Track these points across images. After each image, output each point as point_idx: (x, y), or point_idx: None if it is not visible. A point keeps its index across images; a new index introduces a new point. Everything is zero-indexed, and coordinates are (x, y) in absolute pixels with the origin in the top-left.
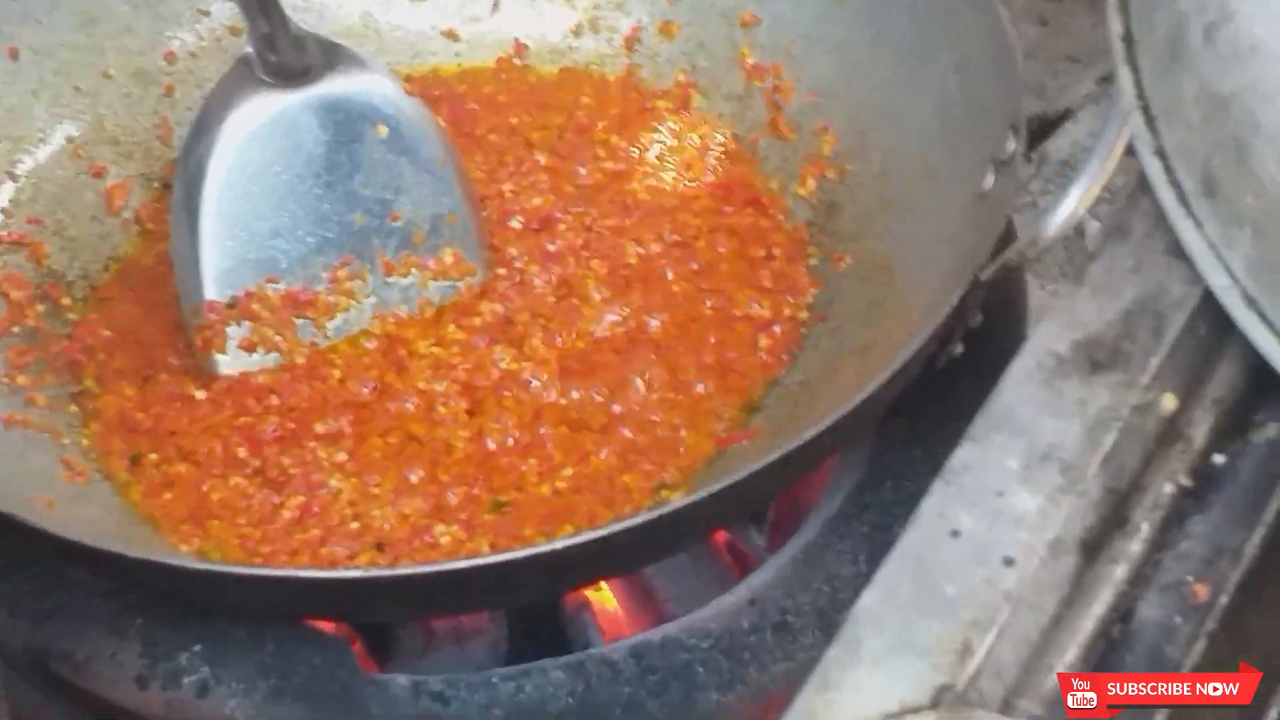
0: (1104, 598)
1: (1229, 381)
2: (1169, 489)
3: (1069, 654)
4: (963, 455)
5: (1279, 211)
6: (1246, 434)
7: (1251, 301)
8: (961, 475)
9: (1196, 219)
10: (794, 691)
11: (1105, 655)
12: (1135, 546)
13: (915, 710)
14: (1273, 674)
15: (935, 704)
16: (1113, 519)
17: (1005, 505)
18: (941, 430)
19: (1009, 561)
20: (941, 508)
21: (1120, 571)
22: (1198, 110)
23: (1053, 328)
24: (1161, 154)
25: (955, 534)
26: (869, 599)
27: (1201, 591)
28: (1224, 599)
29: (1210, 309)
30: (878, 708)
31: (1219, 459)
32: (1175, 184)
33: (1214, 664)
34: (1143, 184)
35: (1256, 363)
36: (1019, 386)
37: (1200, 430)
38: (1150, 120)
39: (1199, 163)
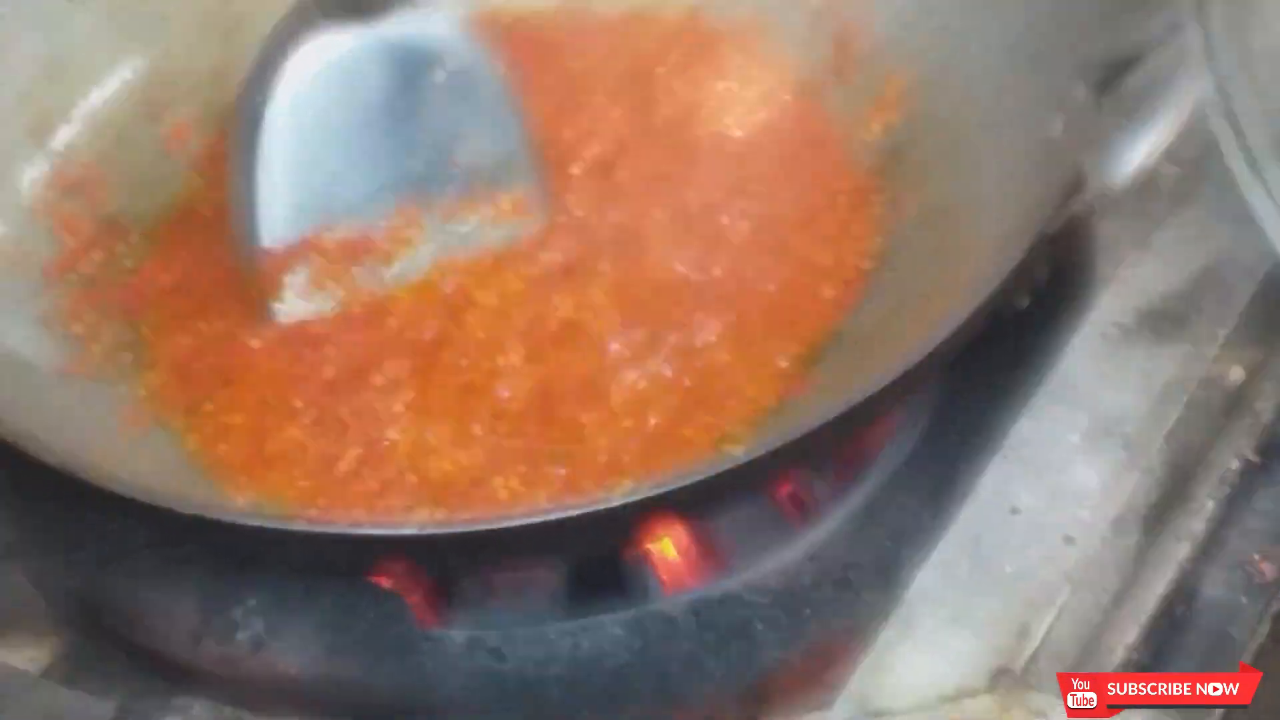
0: (1166, 576)
1: None
2: (1235, 464)
3: (1130, 634)
4: (1022, 429)
5: None
6: None
7: None
8: (1021, 450)
9: (1266, 184)
10: (855, 648)
11: (1168, 636)
12: (1199, 524)
13: (972, 693)
14: None
15: (992, 687)
16: (1176, 494)
17: (1065, 481)
18: (1008, 382)
19: (1069, 540)
20: (1000, 484)
21: (1184, 549)
22: (1268, 68)
23: (1117, 296)
24: (1231, 116)
25: (1014, 511)
26: (925, 578)
27: (1268, 569)
28: None
29: None
30: (933, 691)
31: None
32: (1245, 148)
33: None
34: (1211, 148)
35: None
36: (1080, 357)
37: (1268, 403)
38: (1220, 81)
39: (1270, 126)
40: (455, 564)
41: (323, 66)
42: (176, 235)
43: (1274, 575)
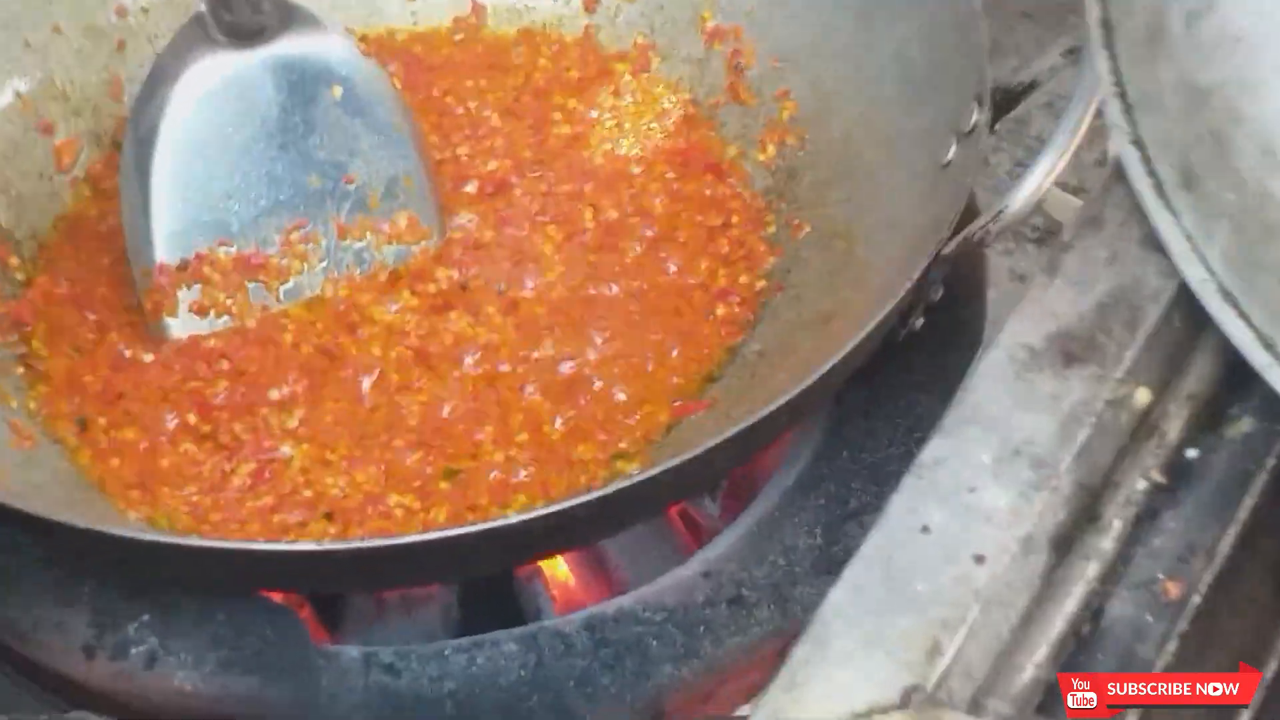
0: (1075, 595)
1: (1204, 375)
2: (1142, 485)
3: (1039, 652)
4: (934, 450)
5: (1259, 206)
6: (1221, 429)
7: (1228, 295)
8: (933, 470)
9: (1174, 210)
10: (748, 665)
11: (1075, 654)
12: (1107, 543)
13: (884, 710)
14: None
15: (904, 704)
16: (1085, 515)
17: (976, 501)
18: (899, 401)
19: (979, 559)
20: (912, 503)
21: (1092, 569)
22: (1177, 100)
23: (1025, 320)
24: (1139, 143)
25: (925, 530)
26: (837, 596)
27: (1173, 589)
28: (1196, 598)
29: (1186, 302)
30: (845, 707)
31: (1192, 454)
32: (1153, 174)
33: (1185, 664)
34: (1118, 173)
35: (1231, 357)
36: (991, 380)
37: (1174, 425)
38: (1128, 108)
39: (1177, 154)
40: (349, 581)
41: (217, 84)
42: (68, 249)
43: (1180, 595)
